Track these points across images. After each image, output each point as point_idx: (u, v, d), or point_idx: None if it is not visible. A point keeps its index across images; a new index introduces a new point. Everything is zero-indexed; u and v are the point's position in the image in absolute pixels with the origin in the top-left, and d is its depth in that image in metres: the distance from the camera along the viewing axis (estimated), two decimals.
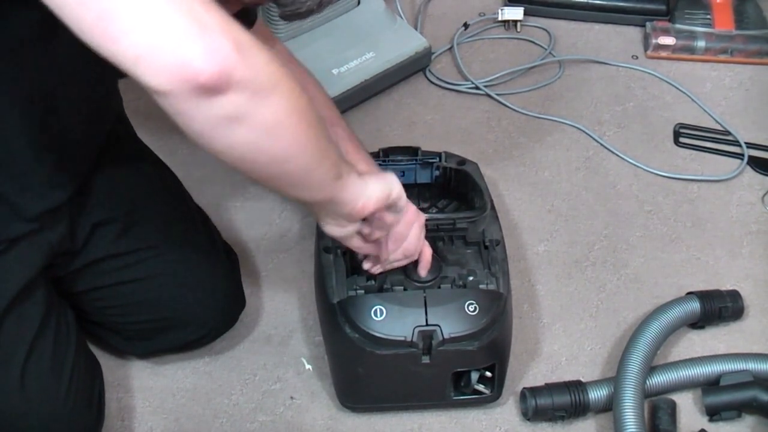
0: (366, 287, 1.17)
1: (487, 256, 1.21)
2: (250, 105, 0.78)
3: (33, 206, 1.07)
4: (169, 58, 0.72)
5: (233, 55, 0.74)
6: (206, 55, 0.73)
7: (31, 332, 1.08)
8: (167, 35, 0.72)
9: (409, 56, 1.70)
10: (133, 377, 1.29)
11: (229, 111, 0.77)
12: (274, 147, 0.84)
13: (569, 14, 1.88)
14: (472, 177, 1.29)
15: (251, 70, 0.77)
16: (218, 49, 0.74)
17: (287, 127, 0.83)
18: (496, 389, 1.21)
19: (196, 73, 0.73)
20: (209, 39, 0.73)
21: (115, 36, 0.72)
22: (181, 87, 0.74)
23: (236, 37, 0.75)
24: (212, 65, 0.73)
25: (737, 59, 1.79)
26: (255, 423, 1.24)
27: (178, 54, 0.73)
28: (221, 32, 0.74)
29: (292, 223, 1.49)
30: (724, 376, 1.24)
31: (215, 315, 1.27)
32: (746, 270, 1.44)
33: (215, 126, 0.78)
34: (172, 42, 0.72)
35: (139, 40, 0.72)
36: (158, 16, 0.72)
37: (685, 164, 1.60)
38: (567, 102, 1.71)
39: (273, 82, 0.80)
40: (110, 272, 1.20)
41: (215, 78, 0.74)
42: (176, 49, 0.72)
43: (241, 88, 0.76)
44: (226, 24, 0.75)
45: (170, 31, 0.72)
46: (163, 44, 0.72)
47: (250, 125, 0.80)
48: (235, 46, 0.75)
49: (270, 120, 0.81)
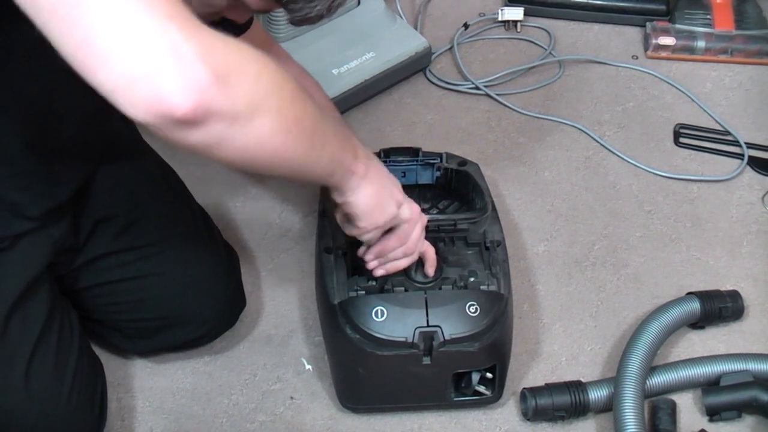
0: (367, 288, 1.17)
1: (488, 257, 1.21)
2: (230, 131, 0.77)
3: (35, 205, 1.07)
4: (144, 92, 0.71)
5: (211, 88, 0.73)
6: (182, 90, 0.72)
7: (35, 331, 1.08)
8: (142, 68, 0.71)
9: (409, 56, 1.70)
10: (134, 377, 1.29)
11: (211, 138, 0.77)
12: (260, 160, 0.84)
13: (569, 14, 1.88)
14: (473, 178, 1.29)
15: (231, 99, 0.75)
16: (194, 83, 0.72)
17: (272, 146, 0.83)
18: (496, 390, 1.21)
19: (172, 109, 0.72)
20: (185, 72, 0.72)
21: (93, 66, 0.71)
22: (158, 120, 0.73)
23: (216, 65, 0.73)
24: (188, 100, 0.72)
25: (737, 59, 1.79)
26: (255, 423, 1.25)
27: (153, 88, 0.71)
28: (199, 62, 0.72)
29: (292, 223, 1.49)
30: (724, 376, 1.24)
31: (215, 314, 1.27)
32: (746, 270, 1.44)
33: (200, 148, 0.78)
34: (147, 76, 0.71)
35: (115, 72, 0.71)
36: (135, 48, 0.71)
37: (685, 164, 1.60)
38: (567, 102, 1.71)
39: (256, 106, 0.78)
40: (111, 269, 1.20)
41: (191, 112, 0.73)
42: (151, 84, 0.71)
43: (220, 119, 0.75)
44: (207, 51, 0.73)
45: (146, 64, 0.71)
46: (138, 77, 0.71)
47: (234, 147, 0.79)
48: (213, 76, 0.73)
49: (252, 142, 0.80)
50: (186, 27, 0.73)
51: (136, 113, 0.73)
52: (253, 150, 0.81)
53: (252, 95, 0.78)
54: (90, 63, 0.71)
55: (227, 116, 0.76)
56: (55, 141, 1.05)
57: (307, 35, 1.65)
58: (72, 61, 0.72)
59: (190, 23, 0.73)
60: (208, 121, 0.75)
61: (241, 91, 0.76)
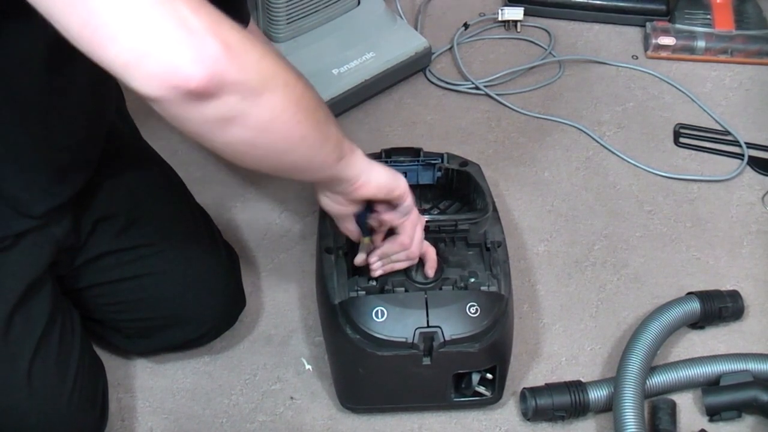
0: (367, 288, 1.17)
1: (488, 257, 1.21)
2: (244, 105, 0.78)
3: (39, 203, 1.07)
4: (157, 65, 0.72)
5: (223, 58, 0.74)
6: (195, 61, 0.72)
7: (37, 330, 1.08)
8: (154, 42, 0.71)
9: (409, 56, 1.70)
10: (134, 377, 1.29)
11: (222, 113, 0.77)
12: (272, 142, 0.84)
13: (569, 14, 1.88)
14: (474, 178, 1.29)
15: (242, 70, 0.76)
16: (207, 53, 0.73)
17: (284, 122, 0.83)
18: (496, 391, 1.21)
19: (186, 80, 0.73)
20: (197, 43, 0.72)
21: (101, 42, 0.71)
22: (171, 93, 0.73)
23: (225, 38, 0.74)
24: (201, 70, 0.73)
25: (737, 59, 1.79)
26: (255, 423, 1.25)
27: (166, 61, 0.72)
28: (209, 35, 0.73)
29: (292, 223, 1.49)
30: (724, 376, 1.24)
31: (215, 314, 1.27)
32: (746, 270, 1.44)
33: (210, 127, 0.78)
34: (159, 49, 0.71)
35: (125, 47, 0.71)
36: (144, 21, 0.71)
37: (685, 164, 1.60)
38: (567, 102, 1.71)
39: (266, 80, 0.79)
40: (111, 268, 1.20)
41: (205, 83, 0.73)
42: (164, 56, 0.72)
43: (233, 90, 0.76)
44: (215, 25, 0.74)
45: (157, 37, 0.71)
46: (150, 51, 0.71)
47: (245, 124, 0.80)
48: (224, 47, 0.74)
49: (265, 118, 0.81)
50: (192, 3, 0.73)
51: (150, 87, 0.73)
52: (267, 126, 0.81)
53: (261, 69, 0.78)
54: (97, 40, 0.71)
55: (240, 88, 0.76)
56: (60, 140, 1.05)
57: (307, 35, 1.65)
58: (79, 42, 0.72)
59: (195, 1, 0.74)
60: (222, 93, 0.75)
61: (251, 63, 0.77)
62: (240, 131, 0.80)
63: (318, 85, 1.33)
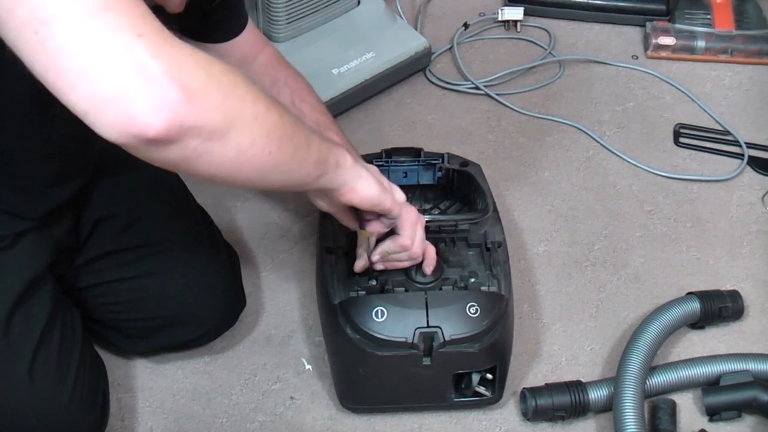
0: (367, 288, 1.17)
1: (488, 258, 1.21)
2: (207, 146, 0.77)
3: (35, 206, 1.07)
4: (115, 115, 0.71)
5: (182, 105, 0.72)
6: (152, 110, 0.71)
7: (37, 330, 1.08)
8: (111, 91, 0.70)
9: (409, 56, 1.70)
10: (134, 377, 1.29)
11: (186, 154, 0.76)
12: (243, 173, 0.83)
13: (569, 14, 1.88)
14: (474, 179, 1.29)
15: (203, 114, 0.75)
16: (165, 102, 0.71)
17: (253, 156, 0.82)
18: (496, 391, 1.21)
19: (144, 129, 0.72)
20: (155, 91, 0.71)
21: (63, 88, 0.71)
22: (131, 140, 0.73)
23: (186, 81, 0.73)
24: (159, 120, 0.72)
25: (737, 59, 1.79)
26: (255, 423, 1.25)
27: (123, 111, 0.71)
28: (168, 80, 0.71)
29: (292, 223, 1.49)
30: (724, 376, 1.24)
31: (215, 314, 1.27)
32: (746, 270, 1.44)
33: (176, 164, 0.78)
34: (116, 98, 0.70)
35: (84, 95, 0.71)
36: (101, 69, 0.70)
37: (685, 164, 1.60)
38: (567, 102, 1.71)
39: (231, 119, 0.78)
40: (111, 268, 1.20)
41: (164, 132, 0.72)
42: (121, 106, 0.71)
43: (194, 135, 0.75)
44: (176, 67, 0.72)
45: (114, 85, 0.70)
46: (108, 99, 0.71)
47: (211, 162, 0.79)
48: (183, 93, 0.72)
49: (231, 155, 0.79)
50: (154, 43, 0.72)
51: (110, 134, 0.72)
52: (234, 161, 0.80)
53: (226, 108, 0.77)
54: (60, 85, 0.71)
55: (202, 131, 0.75)
56: (54, 146, 1.05)
57: (307, 35, 1.66)
58: (44, 82, 0.72)
59: (159, 38, 0.73)
60: (183, 138, 0.74)
61: (214, 104, 0.76)
62: (206, 167, 0.79)
63: (318, 85, 1.34)
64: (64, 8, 0.70)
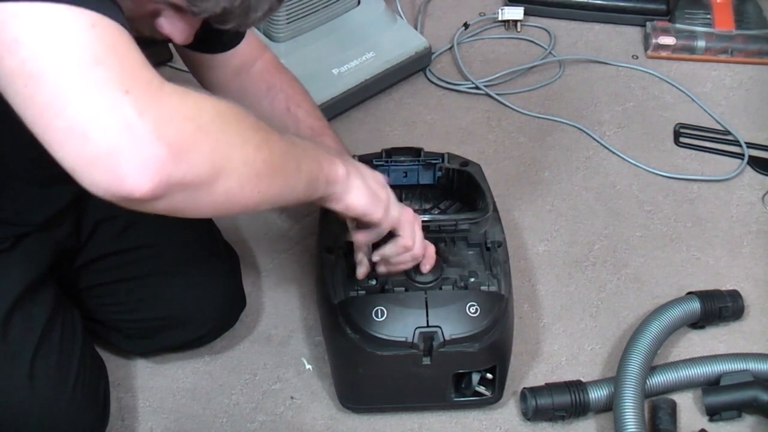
0: (367, 288, 1.17)
1: (488, 257, 1.21)
2: (196, 195, 0.77)
3: (35, 213, 1.07)
4: (101, 175, 0.71)
5: (168, 163, 0.72)
6: (138, 171, 0.71)
7: (38, 329, 1.08)
8: (97, 150, 0.70)
9: (409, 56, 1.70)
10: (134, 377, 1.29)
11: (174, 205, 0.76)
12: (233, 209, 0.83)
13: (569, 14, 1.88)
14: (474, 178, 1.29)
15: (191, 169, 0.74)
16: (151, 163, 0.71)
17: (242, 197, 0.82)
18: (496, 391, 1.21)
19: (131, 191, 0.71)
20: (140, 152, 0.70)
21: (50, 144, 0.71)
22: (118, 199, 0.73)
23: (174, 137, 0.72)
24: (145, 181, 0.71)
25: (737, 59, 1.79)
26: (255, 423, 1.25)
27: (109, 171, 0.70)
28: (154, 139, 0.71)
29: (292, 223, 1.49)
30: (724, 376, 1.24)
31: (215, 314, 1.27)
32: (746, 270, 1.44)
33: (165, 211, 0.77)
34: (102, 157, 0.70)
35: (72, 152, 0.70)
36: (87, 127, 0.69)
37: (685, 164, 1.60)
38: (567, 102, 1.71)
39: (220, 168, 0.77)
40: (111, 269, 1.20)
41: (150, 192, 0.72)
42: (107, 166, 0.70)
43: (182, 189, 0.75)
44: (164, 123, 0.72)
45: (99, 145, 0.70)
46: (94, 159, 0.70)
47: (199, 206, 0.79)
48: (169, 151, 0.72)
49: (220, 200, 0.79)
50: (142, 99, 0.71)
51: (96, 192, 0.72)
52: (223, 204, 0.81)
53: (213, 159, 0.76)
54: (47, 139, 0.71)
55: (189, 186, 0.75)
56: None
57: (307, 35, 1.66)
58: (34, 133, 0.71)
59: (147, 93, 0.72)
60: (171, 194, 0.74)
61: (202, 157, 0.75)
62: (194, 212, 0.79)
63: (318, 85, 1.34)
64: (54, 63, 0.69)
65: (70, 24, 0.70)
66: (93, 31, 0.71)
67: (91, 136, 0.70)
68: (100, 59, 0.70)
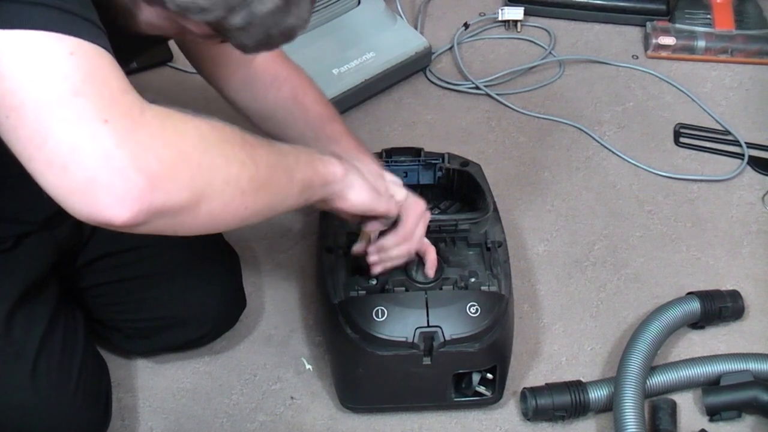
0: (367, 288, 1.17)
1: (489, 257, 1.21)
2: (178, 219, 0.77)
3: (34, 212, 1.07)
4: (82, 204, 0.72)
5: (147, 194, 0.73)
6: (117, 203, 0.72)
7: (41, 328, 1.08)
8: (77, 181, 0.71)
9: (409, 56, 1.70)
10: (134, 377, 1.29)
11: (156, 229, 0.77)
12: (218, 229, 0.84)
13: (569, 14, 1.88)
14: (475, 178, 1.29)
15: (171, 196, 0.75)
16: (129, 193, 0.72)
17: (227, 215, 0.82)
18: (497, 391, 1.21)
19: (111, 219, 0.73)
20: (119, 183, 0.71)
21: (34, 173, 0.72)
22: (101, 225, 0.74)
23: (152, 168, 0.73)
24: (124, 211, 0.72)
25: (737, 59, 1.79)
26: (255, 423, 1.25)
27: (89, 202, 0.72)
28: (133, 170, 0.71)
29: (292, 223, 1.49)
30: (724, 376, 1.24)
31: (215, 314, 1.27)
32: (746, 270, 1.44)
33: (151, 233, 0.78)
34: (82, 189, 0.71)
35: (53, 183, 0.72)
36: (67, 160, 0.70)
37: (685, 164, 1.60)
38: (567, 102, 1.71)
39: (201, 192, 0.77)
40: (112, 269, 1.20)
41: (130, 220, 0.73)
42: (87, 197, 0.71)
43: (162, 215, 0.75)
44: (142, 152, 0.72)
45: (79, 176, 0.71)
46: (74, 190, 0.71)
47: (182, 229, 0.79)
48: (148, 181, 0.72)
49: (203, 221, 0.80)
50: (120, 130, 0.72)
51: (80, 218, 0.73)
52: (208, 224, 0.81)
53: (194, 184, 0.77)
54: (31, 169, 0.72)
55: (170, 211, 0.76)
56: None
57: (307, 35, 1.65)
58: (20, 161, 0.72)
59: (126, 122, 0.72)
60: (151, 221, 0.75)
61: (182, 185, 0.76)
62: (179, 233, 0.80)
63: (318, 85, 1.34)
64: (33, 96, 0.70)
65: (49, 53, 0.71)
66: (72, 59, 0.72)
67: (71, 168, 0.71)
68: (78, 89, 0.71)
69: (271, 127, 1.21)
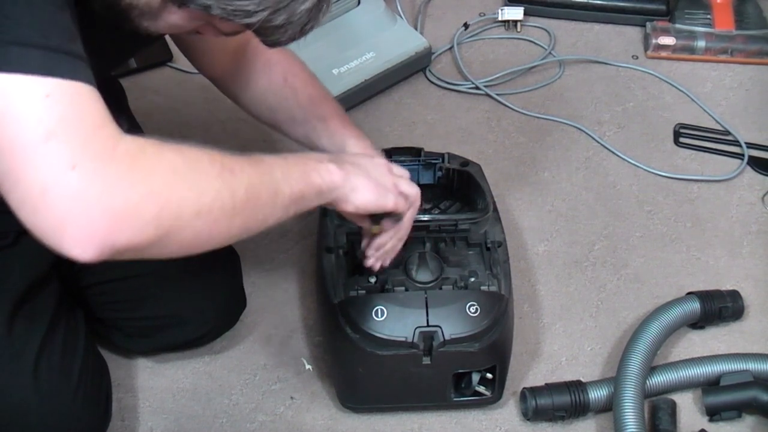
0: (367, 287, 1.17)
1: (488, 257, 1.22)
2: (145, 253, 0.78)
3: None
4: (51, 243, 0.74)
5: (110, 234, 0.74)
6: (81, 243, 0.73)
7: (42, 328, 1.08)
8: (45, 223, 0.73)
9: (409, 56, 1.70)
10: (134, 377, 1.29)
11: (130, 258, 0.78)
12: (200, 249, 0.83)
13: (569, 14, 1.88)
14: (474, 178, 1.29)
15: (134, 234, 0.75)
16: (93, 234, 0.73)
17: (199, 243, 0.82)
18: (496, 391, 1.21)
19: (78, 257, 0.74)
20: (84, 225, 0.72)
21: (12, 207, 0.74)
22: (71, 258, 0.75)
23: (117, 207, 0.73)
24: (89, 250, 0.74)
25: (737, 59, 1.79)
26: (255, 423, 1.25)
27: (56, 242, 0.73)
28: (97, 212, 0.73)
29: (292, 223, 1.49)
30: (724, 376, 1.24)
31: (216, 314, 1.27)
32: (746, 270, 1.44)
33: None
34: (50, 230, 0.73)
35: (26, 220, 0.74)
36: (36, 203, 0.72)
37: (685, 164, 1.60)
38: (567, 102, 1.71)
39: (169, 227, 0.77)
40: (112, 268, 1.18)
41: (96, 257, 0.74)
42: (54, 238, 0.73)
43: (128, 251, 0.76)
44: (108, 194, 0.73)
45: (47, 219, 0.73)
46: (43, 230, 0.73)
47: (157, 256, 0.80)
48: (113, 222, 0.73)
49: (173, 250, 0.80)
50: (89, 173, 0.73)
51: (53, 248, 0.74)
52: (181, 252, 0.81)
53: (160, 220, 0.77)
54: (9, 202, 0.74)
55: (136, 247, 0.76)
56: None
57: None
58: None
59: (96, 164, 0.73)
60: (119, 255, 0.76)
61: (147, 222, 0.76)
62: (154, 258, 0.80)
63: None
64: (6, 141, 0.72)
65: (24, 97, 0.72)
66: (47, 101, 0.72)
67: (41, 210, 0.72)
68: (51, 133, 0.72)
69: (262, 111, 1.22)
